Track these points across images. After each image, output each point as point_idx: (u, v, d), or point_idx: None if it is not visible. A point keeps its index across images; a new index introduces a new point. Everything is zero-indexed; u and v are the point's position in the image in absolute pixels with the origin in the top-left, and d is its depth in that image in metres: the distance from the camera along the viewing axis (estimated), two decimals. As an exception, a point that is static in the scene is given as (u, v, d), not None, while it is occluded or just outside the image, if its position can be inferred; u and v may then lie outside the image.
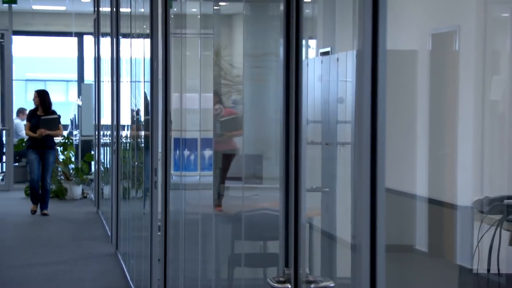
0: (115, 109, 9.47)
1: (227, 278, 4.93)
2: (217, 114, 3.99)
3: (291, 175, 2.57)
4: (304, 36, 2.56)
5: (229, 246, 4.89)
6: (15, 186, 15.35)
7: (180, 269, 5.32)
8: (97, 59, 12.86)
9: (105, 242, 9.98)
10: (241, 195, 4.49)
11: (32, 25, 18.45)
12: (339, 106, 4.97)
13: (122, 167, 8.82)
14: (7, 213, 12.51)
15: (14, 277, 8.00)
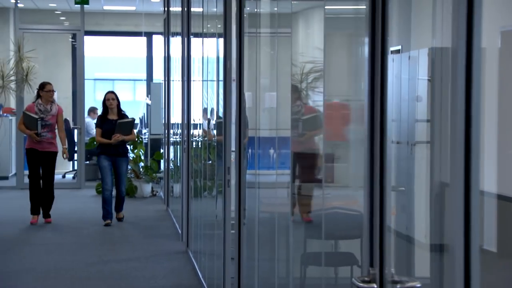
0: (186, 107, 9.54)
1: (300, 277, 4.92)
2: (297, 111, 3.96)
3: (376, 175, 2.55)
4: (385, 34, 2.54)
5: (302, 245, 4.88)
6: (87, 184, 15.59)
7: (255, 267, 5.33)
8: (167, 58, 12.97)
9: (175, 240, 10.06)
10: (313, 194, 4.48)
11: (103, 25, 18.74)
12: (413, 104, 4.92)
13: (193, 166, 8.88)
14: (79, 210, 12.71)
15: (88, 274, 8.12)
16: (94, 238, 10.14)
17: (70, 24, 17.74)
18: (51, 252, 9.14)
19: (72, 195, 14.49)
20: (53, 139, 11.09)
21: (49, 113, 11.02)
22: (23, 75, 15.09)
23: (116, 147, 10.99)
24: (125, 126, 10.94)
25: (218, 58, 6.86)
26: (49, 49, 18.10)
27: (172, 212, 11.98)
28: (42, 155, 10.98)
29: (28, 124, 10.90)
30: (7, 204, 12.87)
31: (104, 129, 10.97)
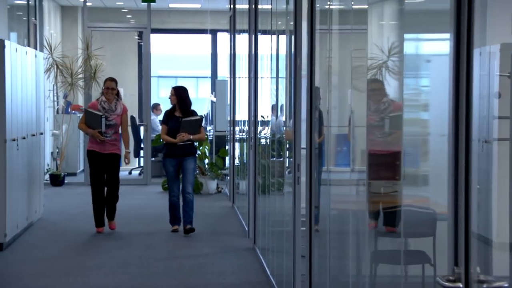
0: (253, 104, 9.56)
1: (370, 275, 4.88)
2: (384, 108, 3.89)
3: (461, 173, 2.51)
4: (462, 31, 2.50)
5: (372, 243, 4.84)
6: (153, 180, 15.74)
7: (326, 265, 5.31)
8: (233, 55, 13.02)
9: (242, 237, 10.10)
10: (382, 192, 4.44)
11: (169, 23, 18.90)
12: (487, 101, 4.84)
13: (260, 162, 8.89)
14: (145, 207, 12.85)
15: (157, 270, 8.20)
16: (161, 234, 10.22)
17: (136, 22, 17.94)
18: (120, 247, 9.25)
19: (138, 191, 14.64)
20: (116, 141, 10.10)
21: (114, 112, 10.02)
22: (91, 73, 15.30)
23: (183, 146, 10.01)
24: (191, 124, 9.96)
25: (287, 55, 6.85)
26: (116, 47, 18.33)
27: (238, 209, 12.02)
28: (104, 158, 9.99)
29: (91, 122, 9.93)
30: (75, 200, 13.07)
31: (170, 126, 10.07)
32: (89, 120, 9.94)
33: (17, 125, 9.52)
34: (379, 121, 3.96)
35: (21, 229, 9.85)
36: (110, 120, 9.96)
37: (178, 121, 9.98)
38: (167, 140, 10.05)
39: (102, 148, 9.98)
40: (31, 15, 14.05)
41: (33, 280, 7.69)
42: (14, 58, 9.36)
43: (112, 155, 10.03)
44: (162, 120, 10.25)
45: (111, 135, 9.99)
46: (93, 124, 9.91)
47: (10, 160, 9.14)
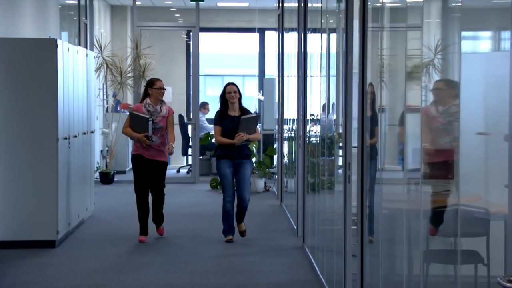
0: (302, 103, 9.54)
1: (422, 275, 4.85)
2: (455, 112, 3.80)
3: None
4: None
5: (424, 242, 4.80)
6: (201, 178, 15.81)
7: (379, 265, 5.28)
8: (281, 54, 13.01)
9: (290, 235, 10.09)
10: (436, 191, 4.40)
11: (217, 22, 18.97)
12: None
13: (309, 161, 8.88)
14: (194, 205, 12.91)
15: (207, 268, 8.23)
16: (210, 232, 10.26)
17: (184, 21, 18.04)
18: (170, 245, 9.30)
19: (186, 189, 14.71)
20: (162, 146, 9.51)
21: (159, 115, 9.47)
22: (140, 72, 15.42)
23: (239, 148, 9.33)
24: (250, 123, 9.27)
25: (338, 53, 6.83)
26: (164, 46, 18.45)
27: (286, 207, 12.01)
28: (150, 164, 9.47)
29: (136, 126, 9.35)
30: (125, 198, 13.17)
31: (225, 127, 9.34)
32: (134, 124, 9.38)
33: (69, 123, 9.63)
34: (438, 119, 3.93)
35: (73, 227, 9.97)
36: (156, 123, 9.44)
37: (233, 120, 9.30)
38: (223, 142, 9.29)
39: (148, 153, 9.45)
40: (81, 15, 14.20)
41: (85, 277, 7.77)
42: (66, 57, 9.48)
43: (157, 162, 9.51)
44: (215, 121, 9.46)
45: (158, 139, 9.44)
46: (139, 127, 9.34)
47: (62, 158, 9.25)
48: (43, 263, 8.36)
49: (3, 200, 8.99)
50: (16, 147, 8.99)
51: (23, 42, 9.12)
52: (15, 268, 8.08)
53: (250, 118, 9.31)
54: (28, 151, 9.01)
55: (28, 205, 9.01)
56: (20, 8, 10.06)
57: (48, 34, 10.88)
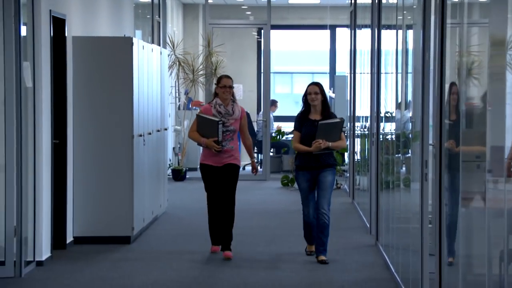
0: (375, 100, 9.48)
1: (501, 274, 4.77)
2: None
3: None
4: None
5: (503, 241, 4.72)
6: (272, 176, 15.84)
7: (458, 264, 5.21)
8: (353, 51, 12.96)
9: (363, 233, 10.04)
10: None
11: (288, 19, 18.98)
12: None
13: (383, 158, 8.81)
14: (266, 202, 12.94)
15: (280, 265, 8.24)
16: (283, 229, 10.27)
17: (255, 19, 18.10)
18: (244, 243, 9.33)
19: (257, 187, 14.75)
20: (234, 151, 8.50)
21: (231, 117, 8.45)
22: (212, 69, 15.53)
23: (319, 157, 8.17)
24: (330, 128, 8.09)
25: (414, 50, 6.77)
26: (235, 43, 18.54)
27: (358, 205, 11.95)
28: (221, 171, 8.44)
29: (204, 130, 8.36)
30: (197, 195, 13.25)
31: (304, 132, 8.19)
32: (202, 128, 8.37)
33: (143, 121, 9.75)
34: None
35: (147, 223, 10.09)
36: (228, 126, 8.41)
37: (313, 125, 8.14)
38: (300, 149, 8.22)
39: (218, 160, 8.43)
40: (155, 13, 14.36)
41: (160, 273, 7.86)
42: (141, 55, 9.59)
43: (229, 166, 8.45)
44: (294, 126, 8.34)
45: (229, 144, 8.43)
46: (208, 132, 8.31)
47: (137, 155, 9.37)
48: (119, 259, 8.48)
49: (81, 197, 9.15)
50: (93, 144, 9.13)
51: (100, 41, 9.27)
52: (93, 263, 8.22)
53: (331, 124, 8.10)
54: (104, 148, 9.15)
55: (105, 202, 9.16)
56: (97, 7, 10.22)
57: (123, 33, 11.04)
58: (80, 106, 9.11)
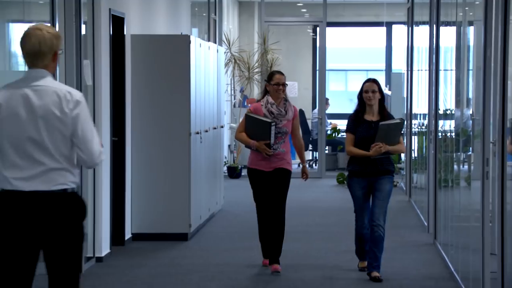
0: (433, 98, 9.39)
1: None
2: None
3: None
4: None
5: None
6: (327, 173, 15.80)
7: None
8: (410, 48, 12.86)
9: (421, 232, 9.96)
10: None
11: (343, 16, 18.91)
12: None
13: (442, 156, 8.73)
14: (321, 200, 12.93)
15: (338, 263, 8.22)
16: (340, 227, 10.24)
17: (311, 16, 18.06)
18: (298, 240, 9.32)
19: (312, 184, 14.71)
20: (286, 154, 7.70)
21: (284, 117, 7.64)
22: (267, 67, 15.55)
23: (376, 162, 7.26)
24: (391, 130, 7.22)
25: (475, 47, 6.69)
26: (290, 41, 18.54)
27: (415, 203, 11.86)
28: (271, 176, 7.66)
29: (254, 131, 7.54)
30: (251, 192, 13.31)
31: (359, 135, 7.31)
32: (252, 129, 7.56)
33: (200, 118, 9.80)
34: None
35: (204, 220, 10.14)
36: (280, 127, 7.59)
37: (370, 127, 7.27)
38: (355, 153, 7.32)
39: (267, 165, 7.64)
40: (211, 11, 14.43)
41: (217, 270, 7.90)
42: (198, 53, 9.64)
43: (280, 171, 7.66)
44: (347, 127, 7.46)
45: (280, 147, 7.63)
46: (258, 133, 7.49)
47: (194, 152, 9.42)
48: (177, 255, 8.54)
49: (139, 194, 9.23)
50: (151, 142, 9.20)
51: (158, 39, 9.35)
52: (151, 260, 8.29)
53: (392, 125, 7.25)
54: (162, 145, 9.22)
55: (162, 199, 9.22)
56: (154, 5, 10.31)
57: (180, 31, 11.11)
58: (138, 104, 9.19)
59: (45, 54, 4.25)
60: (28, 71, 4.29)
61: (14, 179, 4.19)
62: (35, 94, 4.22)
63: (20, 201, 4.19)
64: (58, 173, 4.22)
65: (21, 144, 4.19)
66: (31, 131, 4.19)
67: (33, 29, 4.26)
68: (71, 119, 4.21)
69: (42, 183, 4.19)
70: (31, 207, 4.19)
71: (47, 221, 4.20)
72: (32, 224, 4.20)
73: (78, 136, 4.22)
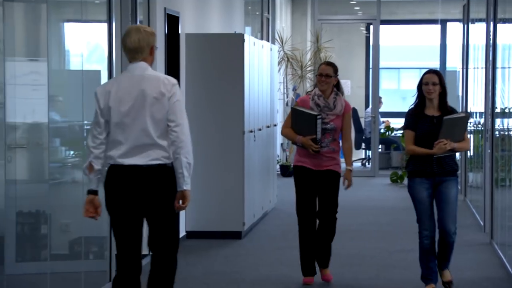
0: (490, 96, 9.28)
1: None
2: None
3: None
4: None
5: None
6: (380, 172, 15.71)
7: None
8: (466, 45, 12.72)
9: (477, 231, 9.85)
10: None
11: (397, 14, 18.78)
12: None
13: (499, 155, 8.62)
14: (374, 199, 12.85)
15: (392, 262, 8.17)
16: (394, 226, 10.17)
17: (364, 14, 17.96)
18: (353, 238, 9.29)
19: (366, 183, 14.65)
20: (335, 153, 7.03)
21: (331, 112, 6.94)
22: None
23: (440, 161, 6.52)
24: (456, 125, 6.48)
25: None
26: (343, 39, 18.47)
27: (471, 202, 11.72)
28: (319, 177, 7.02)
29: (300, 126, 6.94)
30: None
31: (420, 131, 6.56)
32: (298, 123, 6.96)
33: (254, 117, 9.81)
34: None
35: (257, 218, 10.15)
36: (327, 122, 6.93)
37: (432, 122, 6.53)
38: (417, 152, 6.56)
39: (316, 163, 6.98)
40: (264, 10, 14.44)
41: (271, 268, 7.90)
42: (252, 51, 9.65)
43: (329, 173, 7.02)
44: (406, 124, 6.69)
45: (328, 144, 6.97)
46: (304, 128, 6.90)
47: (248, 151, 9.43)
48: (231, 254, 8.56)
49: (193, 192, 9.22)
50: (205, 140, 9.24)
51: (212, 38, 9.38)
52: (206, 258, 8.32)
53: (457, 119, 6.52)
54: (216, 144, 9.25)
55: (216, 197, 9.26)
56: (208, 4, 10.35)
57: (233, 29, 11.14)
58: (192, 102, 9.22)
59: (143, 48, 4.99)
60: (130, 64, 5.03)
61: (118, 156, 4.93)
62: (138, 81, 4.95)
63: (124, 174, 4.94)
64: (155, 149, 4.94)
65: (126, 125, 4.93)
66: (135, 114, 4.92)
67: (133, 28, 5.04)
68: (167, 99, 4.92)
69: (140, 158, 4.92)
70: (132, 179, 4.94)
71: (145, 190, 4.94)
72: (132, 192, 4.94)
73: (172, 112, 4.92)
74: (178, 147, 4.92)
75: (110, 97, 4.95)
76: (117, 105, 4.94)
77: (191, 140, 5.00)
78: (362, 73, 18.84)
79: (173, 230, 5.12)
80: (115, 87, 4.98)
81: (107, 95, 4.97)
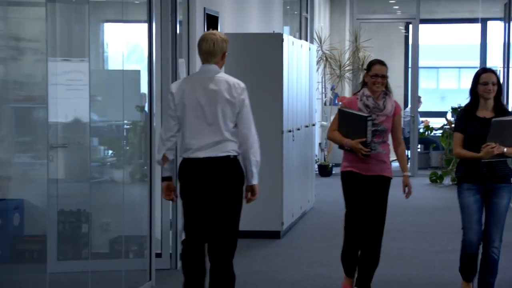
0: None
1: None
2: None
3: None
4: None
5: None
6: (419, 172, 15.62)
7: None
8: (507, 44, 12.60)
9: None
10: None
11: (437, 13, 18.65)
12: None
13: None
14: (413, 199, 12.62)
15: (433, 263, 8.14)
16: (433, 226, 10.11)
17: (403, 13, 17.87)
18: (393, 239, 9.23)
19: (405, 183, 14.56)
20: (385, 156, 6.52)
21: (382, 113, 6.43)
22: (359, 65, 15.45)
23: (492, 166, 6.09)
24: (506, 128, 6.01)
25: None
26: (382, 38, 18.39)
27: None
28: (368, 182, 6.50)
29: (348, 129, 6.44)
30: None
31: (469, 134, 6.14)
32: (345, 125, 6.47)
33: (292, 116, 9.80)
34: None
35: (296, 218, 10.14)
36: (378, 124, 6.43)
37: (483, 124, 6.06)
38: (464, 155, 6.16)
39: (365, 168, 6.48)
40: (302, 9, 14.42)
41: (310, 268, 7.89)
42: (291, 51, 9.64)
43: (380, 179, 6.53)
44: (456, 126, 6.28)
45: (379, 147, 6.46)
46: (353, 131, 6.40)
47: (286, 150, 9.42)
48: (270, 253, 8.56)
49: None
50: (244, 140, 9.23)
51: (251, 37, 9.39)
52: (245, 257, 8.33)
53: (507, 122, 6.01)
54: (255, 143, 9.23)
55: (255, 196, 9.24)
56: (247, 4, 10.37)
57: (272, 29, 11.14)
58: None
59: (216, 53, 5.49)
60: (203, 66, 5.52)
61: (192, 150, 5.41)
62: (210, 82, 5.45)
63: (197, 166, 5.43)
64: (224, 143, 5.43)
65: (199, 122, 5.40)
66: (207, 111, 5.40)
67: (209, 34, 5.51)
68: (238, 101, 5.47)
69: (212, 151, 5.41)
70: (204, 170, 5.42)
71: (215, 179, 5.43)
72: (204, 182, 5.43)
73: (241, 115, 5.47)
74: (247, 147, 5.50)
75: (184, 94, 5.41)
76: (191, 103, 5.39)
77: None
78: (401, 73, 18.74)
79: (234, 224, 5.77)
80: (189, 86, 5.45)
81: (182, 93, 5.43)
